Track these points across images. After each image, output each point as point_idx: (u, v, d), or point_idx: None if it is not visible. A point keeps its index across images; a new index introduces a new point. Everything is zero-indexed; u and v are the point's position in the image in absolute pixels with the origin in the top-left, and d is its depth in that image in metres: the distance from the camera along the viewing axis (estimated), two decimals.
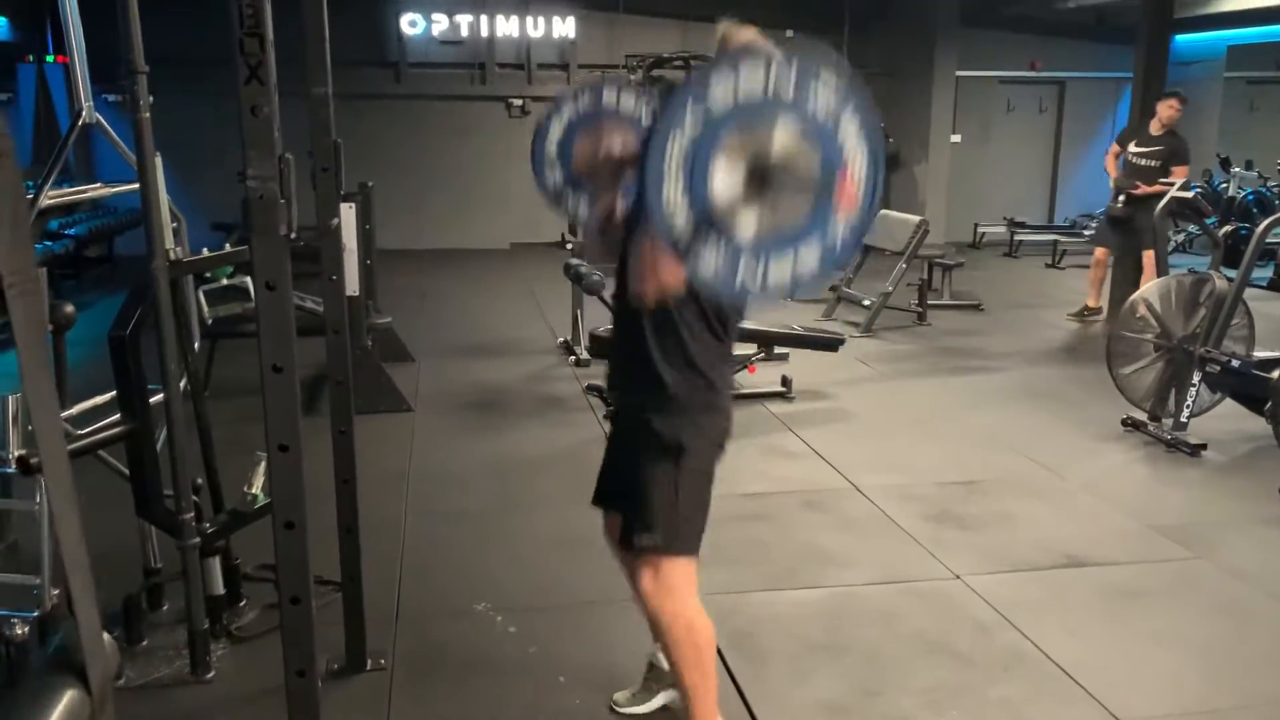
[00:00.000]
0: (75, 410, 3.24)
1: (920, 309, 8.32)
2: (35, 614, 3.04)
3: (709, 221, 1.94)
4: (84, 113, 2.97)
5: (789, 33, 12.48)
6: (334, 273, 2.89)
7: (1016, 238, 12.05)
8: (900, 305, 8.36)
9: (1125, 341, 5.27)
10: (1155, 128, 7.67)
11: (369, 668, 3.09)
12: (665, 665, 2.78)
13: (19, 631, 2.98)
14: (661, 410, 2.45)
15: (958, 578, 3.74)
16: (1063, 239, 11.50)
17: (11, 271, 0.73)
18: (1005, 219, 12.40)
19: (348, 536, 3.02)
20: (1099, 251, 8.27)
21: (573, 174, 3.08)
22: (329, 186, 2.80)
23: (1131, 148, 7.81)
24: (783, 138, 1.93)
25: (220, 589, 3.26)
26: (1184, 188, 6.07)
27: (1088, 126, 13.22)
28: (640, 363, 2.44)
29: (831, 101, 1.92)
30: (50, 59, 10.23)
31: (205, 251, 3.40)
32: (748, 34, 2.34)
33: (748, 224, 1.95)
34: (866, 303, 8.03)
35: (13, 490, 3.15)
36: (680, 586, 2.51)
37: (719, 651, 3.16)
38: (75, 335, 3.19)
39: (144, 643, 3.21)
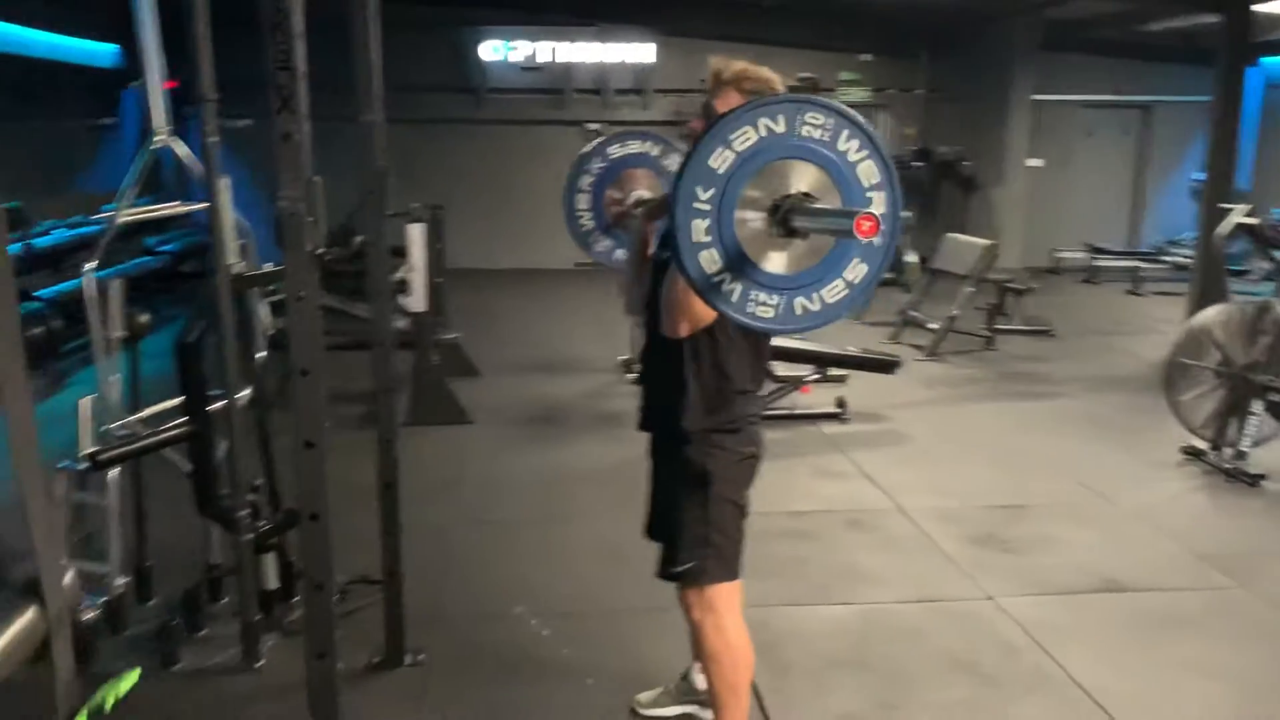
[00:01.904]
0: (146, 413, 3.47)
1: (988, 333, 8.26)
2: (104, 599, 3.29)
3: (735, 261, 1.99)
4: (158, 137, 3.21)
5: (865, 56, 12.56)
6: (380, 288, 3.07)
7: (1095, 263, 11.84)
8: (969, 330, 8.31)
9: (1184, 368, 5.19)
10: None
11: (408, 663, 3.25)
12: (700, 685, 2.87)
13: (90, 614, 3.21)
14: (690, 440, 2.52)
15: (990, 599, 3.75)
16: (1143, 265, 11.27)
17: None
18: (1085, 244, 12.19)
19: (388, 537, 3.19)
20: None
21: (604, 220, 3.27)
22: (376, 208, 2.98)
23: None
24: (805, 179, 1.98)
25: (274, 584, 3.46)
26: (1253, 213, 5.96)
27: (1173, 151, 12.93)
28: (669, 395, 2.52)
29: (851, 141, 1.99)
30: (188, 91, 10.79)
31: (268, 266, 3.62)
32: (740, 65, 2.44)
33: (773, 263, 2.01)
34: (932, 326, 8.02)
35: (88, 486, 3.41)
36: (722, 606, 2.58)
37: None
38: (162, 345, 3.42)
39: (202, 632, 3.43)
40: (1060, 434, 5.90)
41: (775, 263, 2.01)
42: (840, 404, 6.16)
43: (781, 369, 6.76)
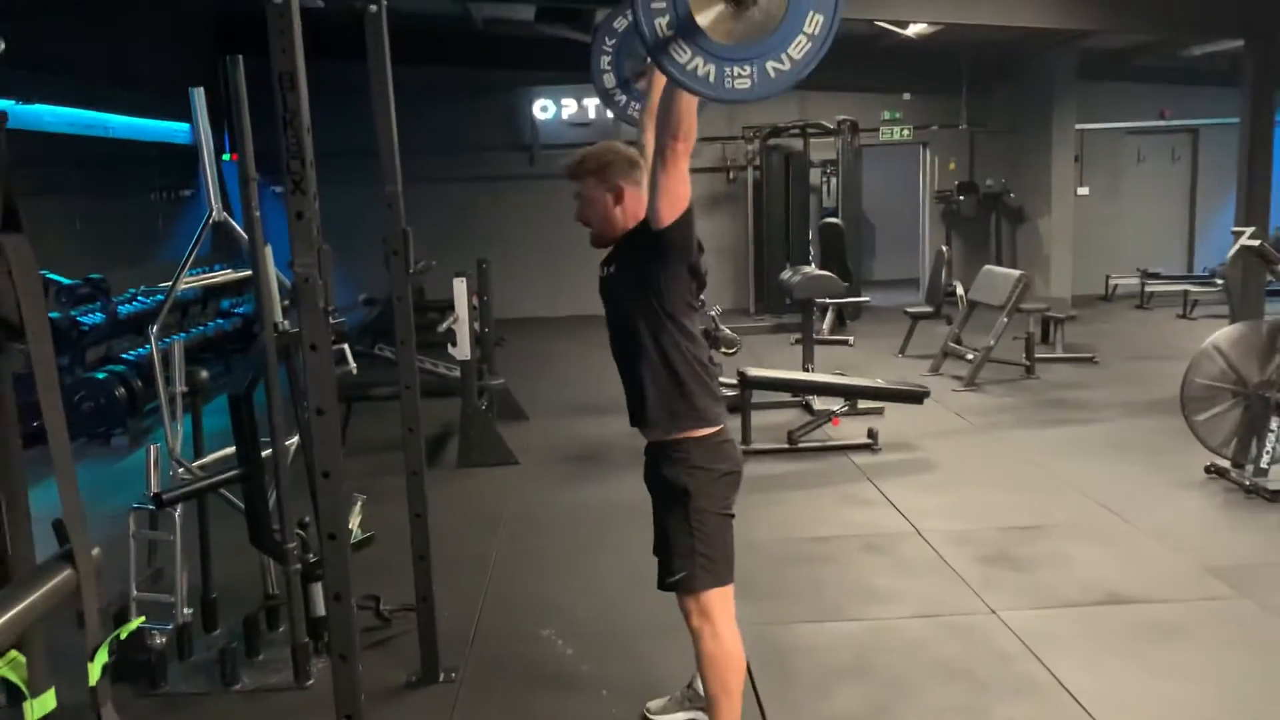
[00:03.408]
0: (208, 459, 3.88)
1: (1028, 363, 8.38)
2: (170, 626, 3.66)
3: (687, 29, 2.22)
4: (213, 213, 3.65)
5: (906, 95, 12.80)
6: (405, 338, 3.43)
7: (1148, 289, 11.84)
8: (1010, 359, 8.44)
9: (1199, 387, 5.31)
10: None
11: (441, 680, 3.56)
12: (702, 691, 3.13)
13: (159, 641, 3.61)
14: (667, 458, 2.80)
15: (994, 613, 3.94)
16: (1194, 289, 11.25)
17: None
18: (1138, 270, 12.21)
19: (420, 563, 3.52)
20: None
21: (625, 76, 3.50)
22: (399, 267, 3.35)
23: None
24: None
25: (322, 610, 3.80)
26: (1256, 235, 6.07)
27: (1225, 174, 12.84)
28: (642, 410, 2.82)
29: None
30: (226, 157, 11.54)
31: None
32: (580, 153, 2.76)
33: (720, 34, 2.24)
34: (970, 357, 8.17)
35: (159, 525, 3.82)
36: (716, 613, 2.84)
37: (749, 670, 3.51)
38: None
39: (259, 656, 3.79)
40: (1087, 458, 6.02)
41: (736, 34, 2.24)
42: (871, 435, 6.37)
43: (818, 403, 7.02)
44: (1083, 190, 12.57)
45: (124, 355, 7.60)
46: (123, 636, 1.13)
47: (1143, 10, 8.72)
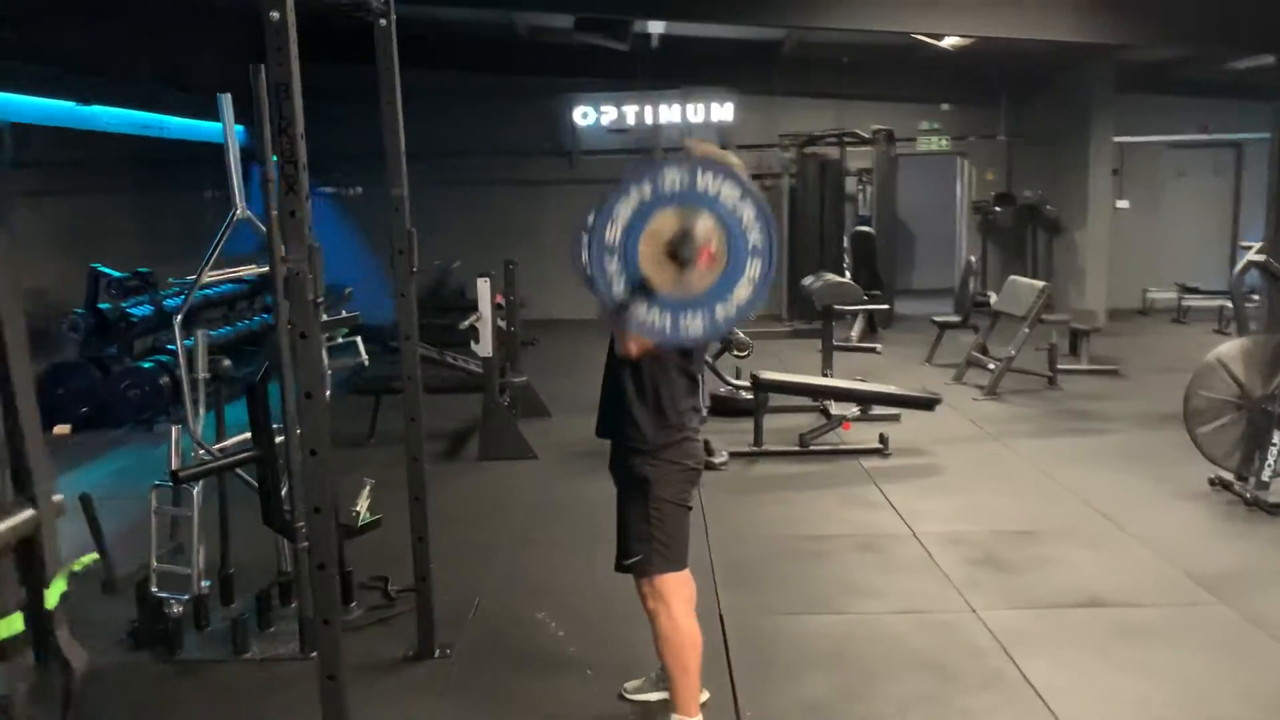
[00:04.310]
0: (229, 442, 4.14)
1: (1050, 373, 8.42)
2: (187, 596, 3.92)
3: (638, 286, 2.59)
4: (238, 210, 3.90)
5: (945, 105, 12.84)
6: (408, 333, 3.64)
7: (1184, 303, 11.76)
8: (1033, 369, 8.48)
9: (1203, 400, 5.37)
10: None
11: (436, 655, 3.78)
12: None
13: (176, 610, 3.86)
14: (633, 449, 3.00)
15: (973, 611, 4.06)
16: (1230, 304, 11.14)
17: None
18: (1177, 285, 12.13)
19: (419, 545, 3.73)
20: None
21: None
22: (404, 267, 3.58)
23: None
24: (701, 224, 2.57)
25: None
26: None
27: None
28: (620, 408, 3.01)
29: (739, 204, 2.56)
30: (275, 159, 11.91)
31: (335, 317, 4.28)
32: (706, 147, 2.95)
33: (668, 288, 2.59)
34: (991, 367, 8.24)
35: (181, 502, 4.08)
36: (669, 594, 3.04)
37: (727, 655, 3.69)
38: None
39: (271, 628, 4.03)
40: (1094, 467, 6.09)
41: (685, 287, 2.59)
42: (882, 440, 6.49)
43: (835, 408, 7.15)
44: (1122, 203, 12.51)
45: (169, 346, 7.95)
46: (75, 569, 1.32)
47: (1175, 25, 8.72)
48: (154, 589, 3.86)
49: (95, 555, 2.33)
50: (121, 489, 5.54)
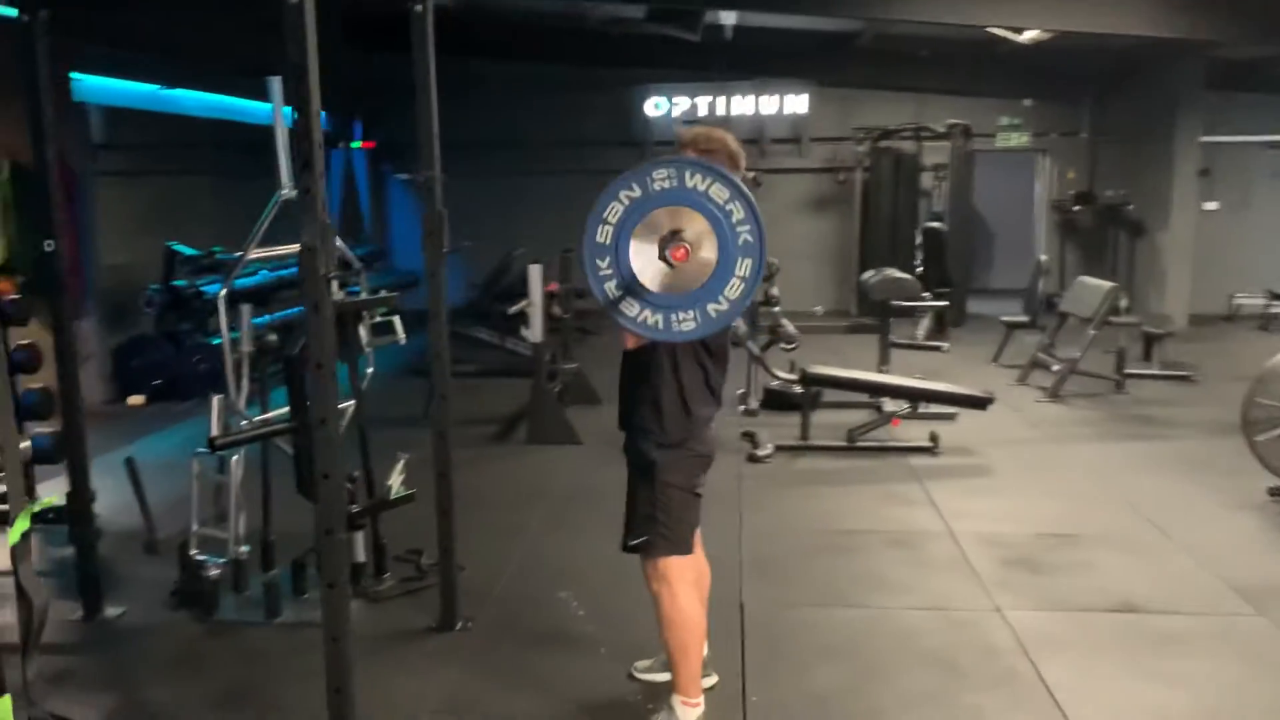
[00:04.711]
0: (271, 415, 4.29)
1: (1118, 377, 8.20)
2: (224, 560, 4.08)
3: (633, 288, 2.62)
4: (284, 191, 4.03)
5: (1027, 101, 12.55)
6: (438, 313, 3.73)
7: (1272, 309, 11.33)
8: (1100, 373, 8.27)
9: (1262, 408, 5.19)
10: None
11: (458, 628, 3.87)
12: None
13: (215, 573, 4.03)
14: (644, 434, 3.04)
15: (997, 610, 4.01)
16: None
17: None
18: (1266, 291, 11.68)
19: (443, 518, 3.83)
20: None
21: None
22: (434, 248, 3.66)
23: None
24: (692, 225, 2.59)
25: (361, 557, 4.17)
26: None
27: None
28: (634, 396, 3.05)
29: (730, 203, 2.58)
30: (356, 144, 12.22)
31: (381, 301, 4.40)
32: (698, 130, 2.96)
33: (657, 285, 2.62)
34: (1055, 369, 8.06)
35: (225, 470, 4.24)
36: (673, 578, 3.08)
37: (741, 644, 3.71)
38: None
39: (305, 595, 4.17)
40: (1150, 474, 5.92)
41: (677, 286, 2.60)
42: (933, 438, 6.40)
43: (889, 405, 7.07)
44: (1211, 205, 12.08)
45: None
46: (34, 510, 1.42)
47: (1265, 22, 8.41)
48: (193, 552, 4.03)
49: (52, 498, 2.45)
50: (183, 458, 5.75)
